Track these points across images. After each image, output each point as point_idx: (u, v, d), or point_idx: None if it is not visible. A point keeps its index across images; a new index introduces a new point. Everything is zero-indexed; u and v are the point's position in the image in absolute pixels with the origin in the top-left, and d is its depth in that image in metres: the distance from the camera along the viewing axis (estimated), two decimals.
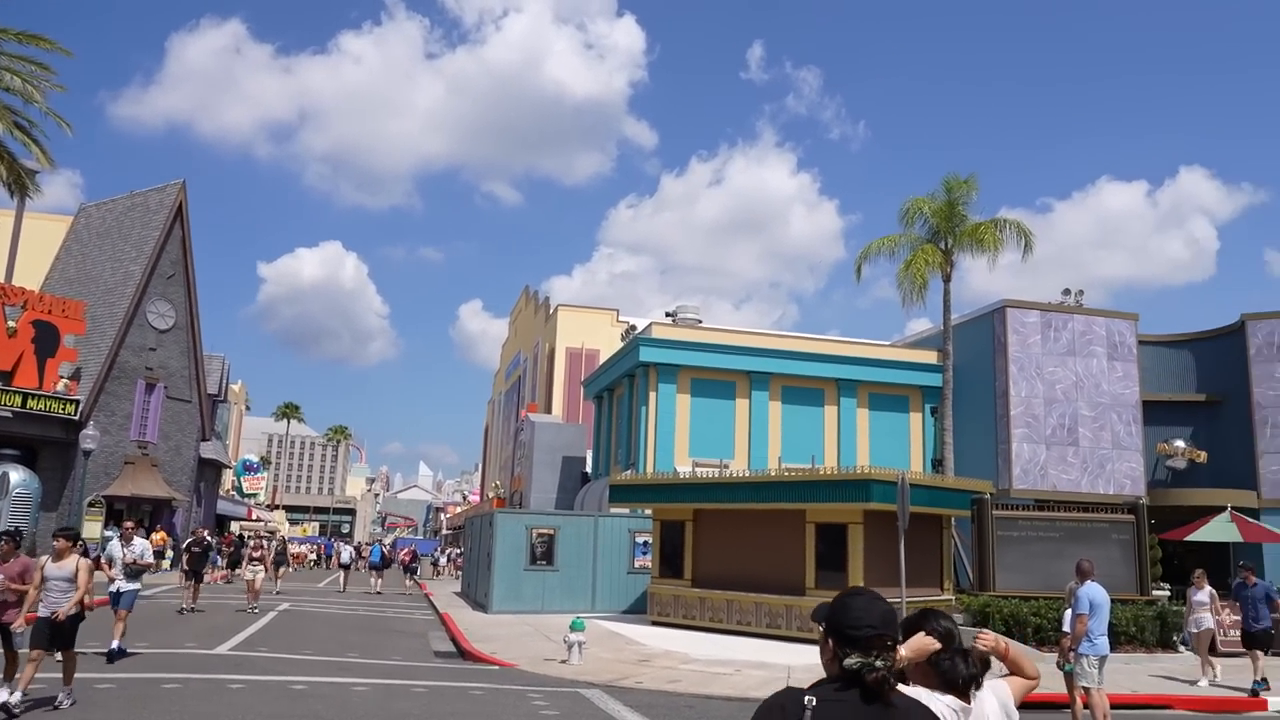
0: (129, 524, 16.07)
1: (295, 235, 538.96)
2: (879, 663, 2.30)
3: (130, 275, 37.49)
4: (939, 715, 2.65)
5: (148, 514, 37.64)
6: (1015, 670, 3.32)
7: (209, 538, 23.86)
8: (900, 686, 2.42)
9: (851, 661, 2.31)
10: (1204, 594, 15.01)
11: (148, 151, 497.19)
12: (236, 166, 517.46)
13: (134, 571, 14.08)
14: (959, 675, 2.95)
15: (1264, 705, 12.89)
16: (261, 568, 22.86)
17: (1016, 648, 3.28)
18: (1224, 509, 23.25)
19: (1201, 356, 32.37)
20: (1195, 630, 15.04)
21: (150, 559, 14.65)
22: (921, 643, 2.97)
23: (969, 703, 2.97)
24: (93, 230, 40.19)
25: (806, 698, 2.30)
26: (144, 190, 40.40)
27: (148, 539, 27.48)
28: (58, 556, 10.26)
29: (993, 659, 3.15)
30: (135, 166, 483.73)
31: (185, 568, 21.45)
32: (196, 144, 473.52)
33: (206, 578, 23.73)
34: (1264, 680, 13.46)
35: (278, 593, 27.92)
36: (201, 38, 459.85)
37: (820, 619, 2.48)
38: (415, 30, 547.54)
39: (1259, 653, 13.93)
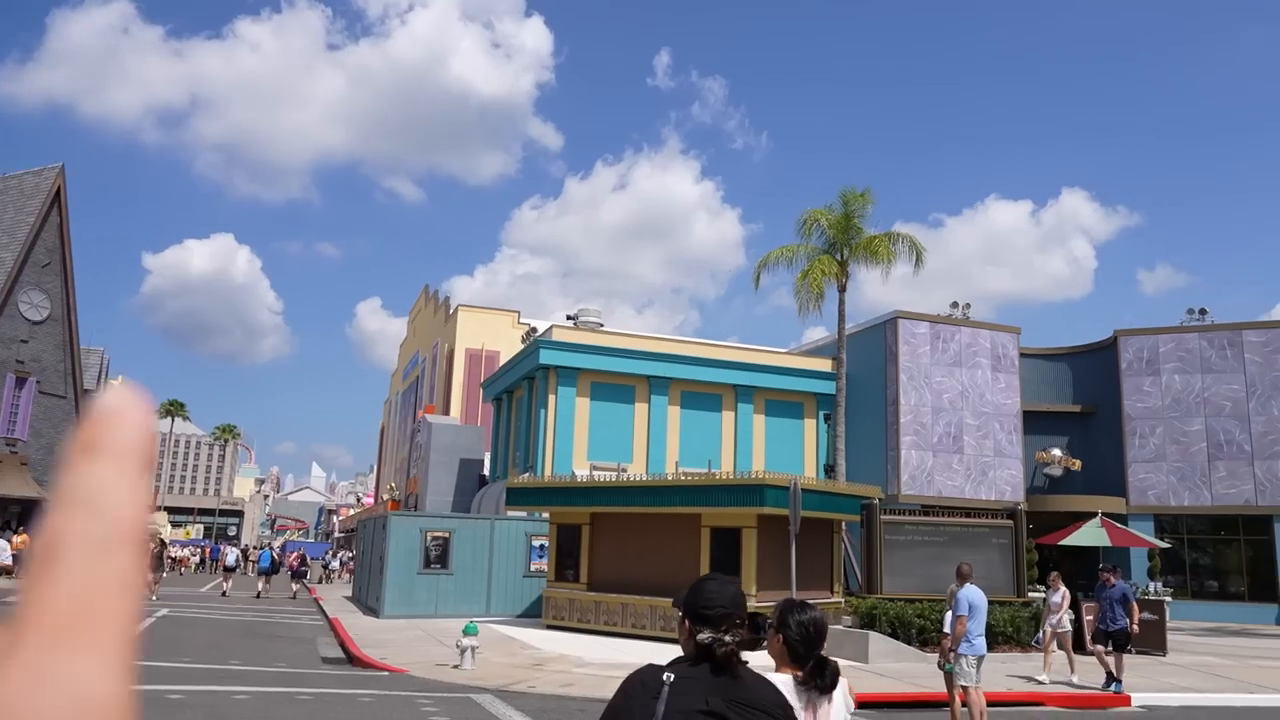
0: None
1: (184, 226, 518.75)
2: (728, 638, 2.52)
3: (1, 263, 35.43)
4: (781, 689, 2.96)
5: (15, 515, 35.59)
6: None
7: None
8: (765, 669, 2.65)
9: (704, 636, 2.53)
10: (1059, 595, 15.44)
11: (23, 132, 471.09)
12: (121, 152, 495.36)
13: None
14: (825, 679, 3.38)
15: (1127, 700, 13.59)
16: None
17: None
18: (1095, 515, 24.46)
19: (1077, 369, 34.03)
20: (1053, 629, 15.33)
21: (7, 560, 13.91)
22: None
23: (824, 697, 3.41)
24: None
25: (665, 674, 2.51)
26: (18, 172, 38.22)
27: (9, 541, 26.06)
28: None
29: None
30: (11, 148, 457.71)
31: None
32: (78, 126, 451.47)
33: None
34: (1115, 678, 13.86)
35: (155, 599, 26.24)
36: (86, 15, 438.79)
37: (679, 604, 2.73)
38: (317, 20, 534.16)
39: (1107, 650, 14.26)
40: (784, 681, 3.30)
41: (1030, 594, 19.63)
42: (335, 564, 47.13)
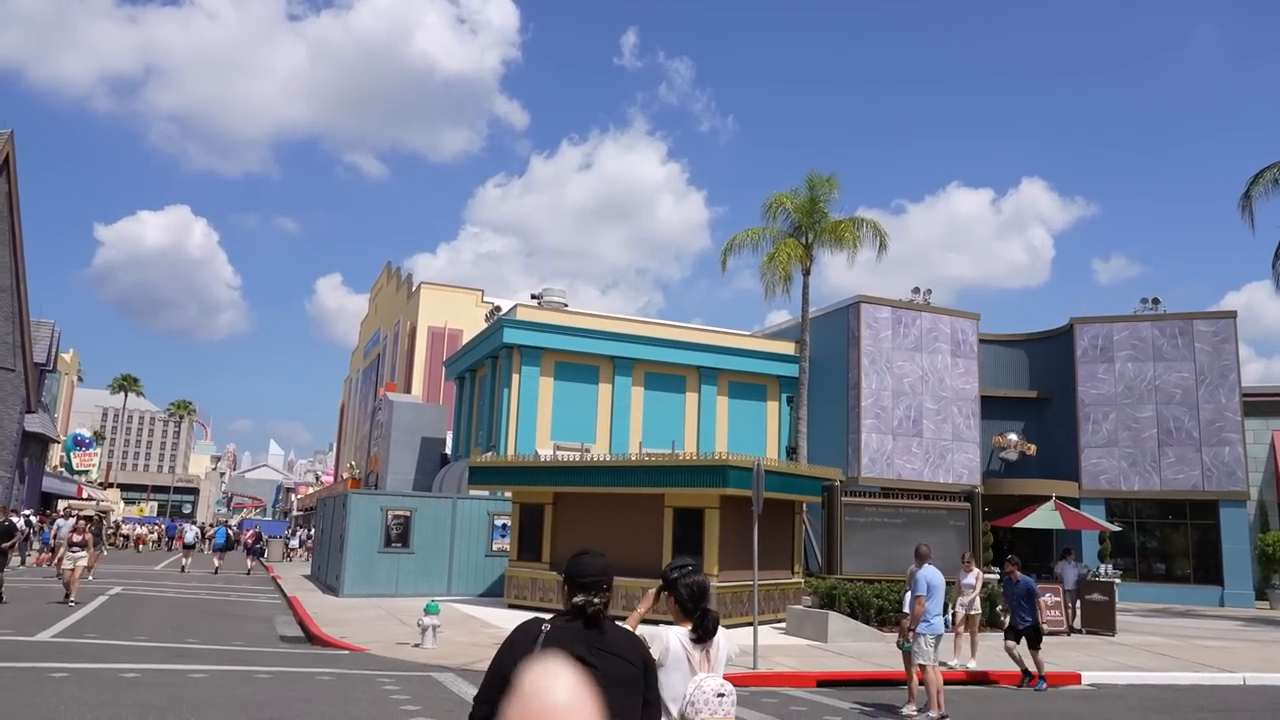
0: None
1: (137, 197, 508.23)
2: (596, 600, 3.19)
3: None
4: (668, 641, 4.18)
5: None
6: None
7: (17, 519, 20.45)
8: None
9: (579, 599, 3.19)
10: (971, 577, 15.05)
11: None
12: (72, 120, 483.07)
13: None
14: (706, 627, 4.25)
15: (1077, 679, 13.90)
16: (85, 554, 19.93)
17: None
18: (1050, 498, 24.92)
19: (1034, 356, 34.57)
20: (965, 611, 14.63)
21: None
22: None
23: (708, 642, 4.26)
24: None
25: (544, 625, 3.13)
26: None
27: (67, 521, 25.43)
28: None
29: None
30: None
31: None
32: (26, 93, 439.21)
33: (16, 562, 21.93)
34: (1038, 675, 13.14)
35: (91, 577, 24.71)
36: None
37: (561, 572, 3.38)
38: None
39: (1026, 646, 13.30)
40: (681, 632, 4.24)
41: (986, 575, 19.94)
42: (295, 542, 46.74)
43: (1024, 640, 13.29)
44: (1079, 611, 20.56)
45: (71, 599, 18.83)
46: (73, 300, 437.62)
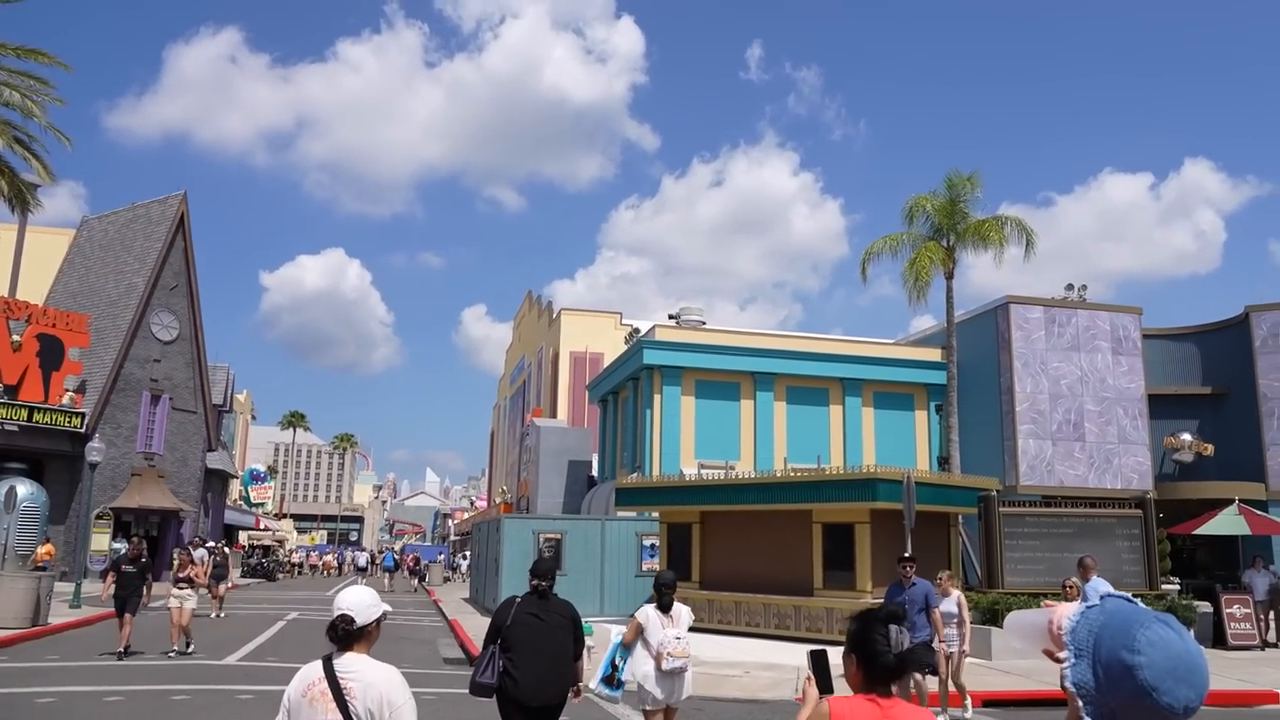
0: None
1: (297, 243, 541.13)
2: (543, 583, 6.19)
3: (133, 287, 37.58)
4: (647, 612, 7.64)
5: (155, 525, 37.70)
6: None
7: (142, 549, 16.48)
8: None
9: (534, 582, 6.21)
10: (952, 603, 11.46)
11: (146, 162, 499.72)
12: (235, 176, 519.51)
13: None
14: (663, 601, 7.72)
15: (1275, 698, 12.82)
16: (191, 592, 16.00)
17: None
18: (1232, 501, 23.16)
19: (1206, 349, 32.26)
20: (944, 649, 11.18)
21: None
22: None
23: (669, 613, 7.67)
24: (95, 243, 40.28)
25: (516, 598, 6.20)
26: (145, 202, 40.49)
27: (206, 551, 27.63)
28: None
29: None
30: (134, 177, 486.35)
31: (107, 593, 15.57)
32: (194, 154, 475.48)
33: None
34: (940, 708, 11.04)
35: (223, 614, 22.93)
36: (198, 47, 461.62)
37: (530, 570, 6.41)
38: (414, 38, 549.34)
39: (916, 676, 10.41)
40: (653, 607, 7.70)
41: (1164, 586, 18.73)
42: (464, 564, 48.40)
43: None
44: (1273, 624, 19.00)
45: (173, 649, 15.43)
46: (244, 344, 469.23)
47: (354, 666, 3.65)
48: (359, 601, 3.75)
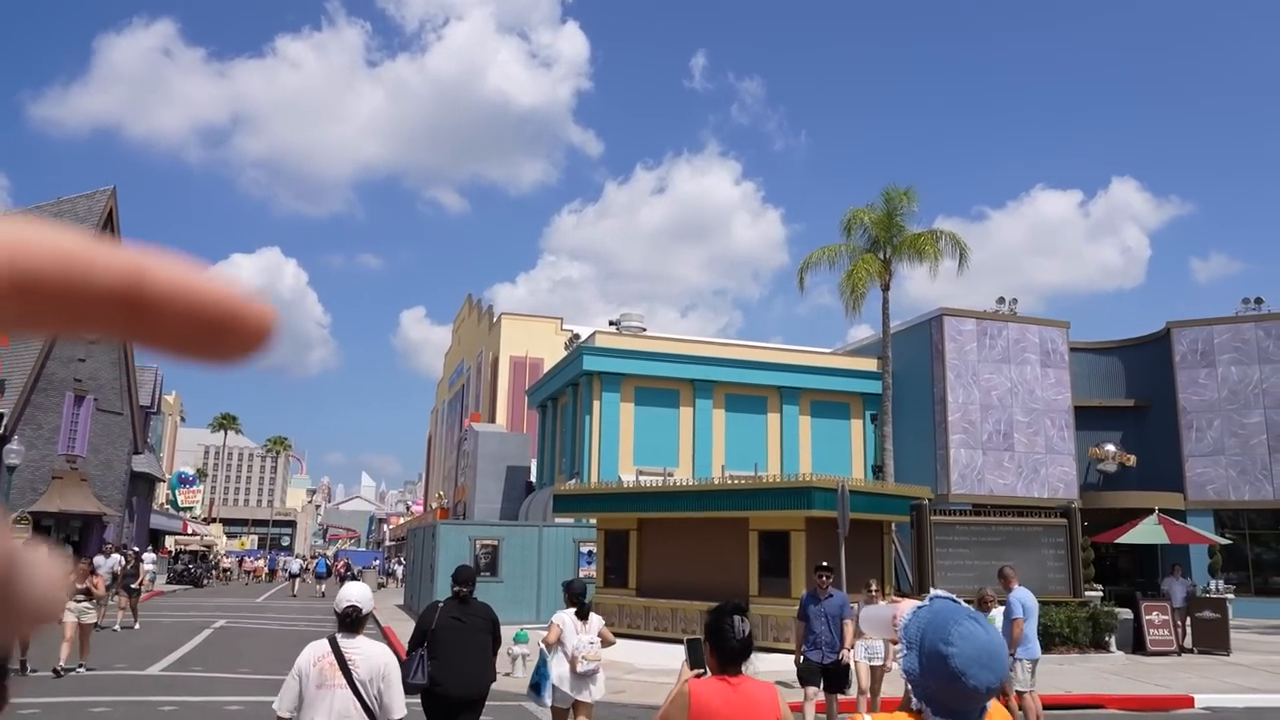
0: None
1: (232, 242, 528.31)
2: (463, 589, 6.96)
3: None
4: (564, 617, 8.01)
5: (77, 529, 36.49)
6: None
7: (118, 556, 16.80)
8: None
9: (456, 588, 6.96)
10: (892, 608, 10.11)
11: (73, 155, 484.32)
12: (168, 172, 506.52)
13: None
14: (583, 610, 8.16)
15: (1190, 702, 13.28)
16: (89, 605, 14.53)
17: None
18: (1152, 511, 23.92)
19: (1130, 363, 33.32)
20: (868, 662, 11.14)
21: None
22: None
23: (585, 619, 8.03)
24: None
25: (439, 602, 7.00)
26: (72, 196, 39.20)
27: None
28: None
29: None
30: (60, 171, 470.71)
31: None
32: (124, 148, 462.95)
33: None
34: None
35: (122, 629, 20.74)
36: (130, 38, 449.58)
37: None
38: (355, 36, 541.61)
39: (815, 690, 10.38)
40: (570, 613, 8.08)
41: (1087, 593, 19.25)
42: (399, 570, 47.85)
43: (822, 680, 10.54)
44: (1189, 630, 19.67)
45: (59, 664, 13.52)
46: None
47: (357, 644, 4.93)
48: (363, 596, 5.14)
